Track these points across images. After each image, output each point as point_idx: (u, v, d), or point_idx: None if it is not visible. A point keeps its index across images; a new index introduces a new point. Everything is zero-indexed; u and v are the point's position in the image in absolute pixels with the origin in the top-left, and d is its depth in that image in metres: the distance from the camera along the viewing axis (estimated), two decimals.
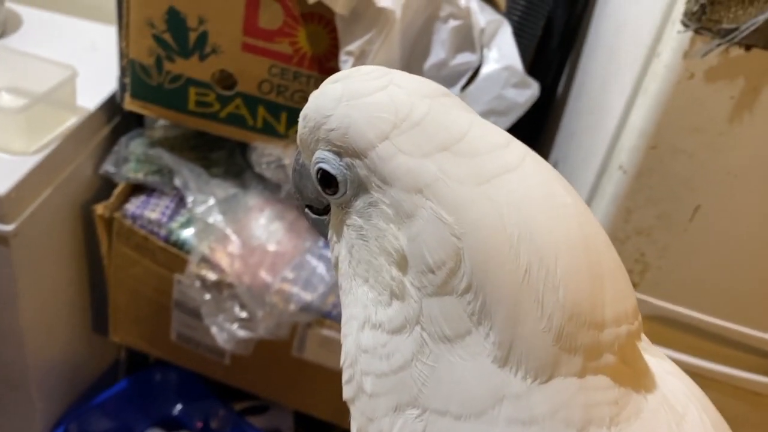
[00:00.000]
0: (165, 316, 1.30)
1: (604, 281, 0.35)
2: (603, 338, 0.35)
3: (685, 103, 0.70)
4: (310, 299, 1.20)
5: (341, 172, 0.40)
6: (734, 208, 0.71)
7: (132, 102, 1.19)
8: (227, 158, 1.33)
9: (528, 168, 0.37)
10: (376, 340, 0.39)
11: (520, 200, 0.35)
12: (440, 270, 0.35)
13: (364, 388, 0.40)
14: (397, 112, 0.38)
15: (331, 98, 0.41)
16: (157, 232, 1.24)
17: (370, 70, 0.41)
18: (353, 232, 0.41)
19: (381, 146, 0.38)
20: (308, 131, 0.42)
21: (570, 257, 0.34)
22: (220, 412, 1.54)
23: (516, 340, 0.34)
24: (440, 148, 0.37)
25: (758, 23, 0.63)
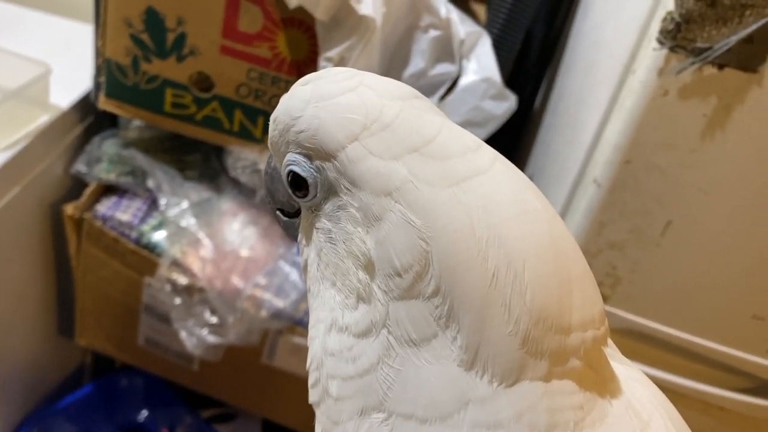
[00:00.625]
0: (133, 319, 1.28)
1: (571, 286, 0.35)
2: (569, 343, 0.35)
3: (659, 119, 0.70)
4: (282, 306, 1.19)
5: (311, 175, 0.40)
6: (704, 224, 0.72)
7: (107, 101, 1.17)
8: (202, 161, 1.32)
9: (497, 172, 0.37)
10: (342, 343, 0.39)
11: (490, 204, 0.35)
12: (407, 273, 0.35)
13: (329, 392, 0.39)
14: (368, 113, 0.38)
15: (300, 100, 0.40)
16: (128, 234, 1.22)
17: (340, 71, 0.41)
18: (322, 235, 0.41)
19: (350, 148, 0.37)
20: (278, 134, 0.42)
21: (538, 262, 0.34)
22: (186, 419, 1.52)
23: (482, 344, 0.34)
24: (410, 150, 0.36)
25: (731, 43, 0.64)
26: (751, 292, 0.79)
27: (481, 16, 1.14)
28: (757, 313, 0.78)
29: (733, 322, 0.78)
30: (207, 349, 1.17)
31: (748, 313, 0.79)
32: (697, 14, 0.64)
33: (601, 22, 0.92)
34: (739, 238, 0.74)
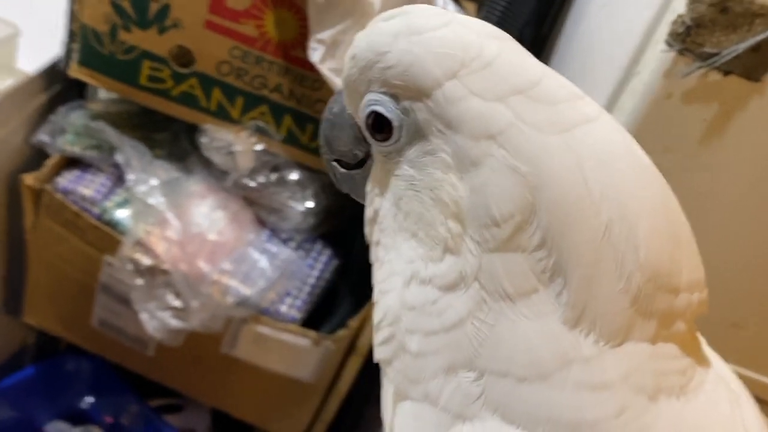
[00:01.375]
0: (88, 299, 1.22)
1: (682, 247, 0.34)
2: (677, 304, 0.34)
3: (660, 122, 0.71)
4: (248, 294, 1.16)
5: (397, 117, 0.37)
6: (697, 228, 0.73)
7: (79, 69, 1.12)
8: (172, 140, 1.27)
9: (606, 122, 0.35)
10: (426, 296, 0.36)
11: (602, 154, 0.33)
12: (507, 223, 0.33)
13: (408, 347, 0.37)
14: (466, 49, 0.35)
15: (388, 34, 0.37)
16: (90, 210, 1.17)
17: (427, 8, 0.38)
18: (403, 182, 0.38)
19: (448, 85, 0.35)
20: (357, 71, 0.39)
21: (652, 218, 0.33)
22: (132, 408, 1.46)
23: (590, 301, 0.32)
24: (515, 92, 0.34)
25: (739, 51, 0.65)
26: (729, 300, 0.80)
27: (470, 13, 1.14)
28: (736, 321, 0.80)
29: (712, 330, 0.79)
30: (168, 334, 1.12)
31: (728, 322, 0.80)
32: (708, 19, 0.65)
33: (596, 27, 0.93)
34: (728, 244, 0.76)
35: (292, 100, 1.12)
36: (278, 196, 1.20)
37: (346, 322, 1.20)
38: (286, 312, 1.19)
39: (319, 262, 1.24)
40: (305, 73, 1.09)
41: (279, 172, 1.20)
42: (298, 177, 1.20)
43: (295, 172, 1.20)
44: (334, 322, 1.23)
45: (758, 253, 0.77)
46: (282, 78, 1.10)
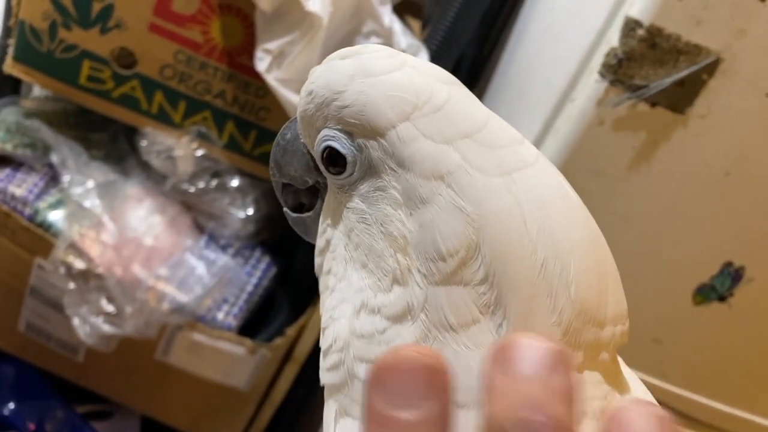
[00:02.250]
0: (15, 302, 1.19)
1: (608, 281, 0.36)
2: (603, 336, 0.36)
3: (592, 146, 0.75)
4: (184, 300, 1.14)
5: (351, 153, 0.38)
6: (621, 249, 0.77)
7: (14, 66, 1.09)
8: (109, 141, 1.25)
9: (543, 166, 0.37)
10: (374, 325, 0.37)
11: (540, 196, 0.35)
12: (452, 258, 0.35)
13: (356, 374, 0.38)
14: (418, 94, 0.37)
15: (344, 74, 0.38)
16: (21, 210, 1.13)
17: (379, 48, 0.40)
18: (354, 215, 0.39)
19: (401, 127, 0.36)
20: (314, 107, 0.40)
21: (582, 256, 0.35)
22: (58, 414, 1.41)
23: (527, 332, 0.34)
24: (462, 136, 0.36)
25: (665, 85, 0.70)
26: (651, 317, 0.85)
27: (415, 31, 1.16)
28: (657, 337, 0.85)
29: (635, 345, 0.83)
30: (100, 339, 1.10)
31: (649, 338, 0.85)
32: (638, 53, 0.69)
33: (536, 50, 0.97)
34: (650, 265, 0.80)
35: (235, 106, 1.12)
36: (218, 203, 1.19)
37: (283, 330, 1.20)
38: (223, 320, 1.18)
39: (257, 269, 1.24)
40: (249, 80, 1.09)
41: (219, 178, 1.19)
42: (238, 183, 1.20)
43: (235, 179, 1.19)
44: (271, 329, 1.23)
45: (678, 273, 0.81)
46: (226, 84, 1.10)
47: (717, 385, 0.87)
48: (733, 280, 0.80)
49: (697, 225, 0.77)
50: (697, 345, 0.85)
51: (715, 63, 0.68)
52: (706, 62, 0.68)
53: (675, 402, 0.86)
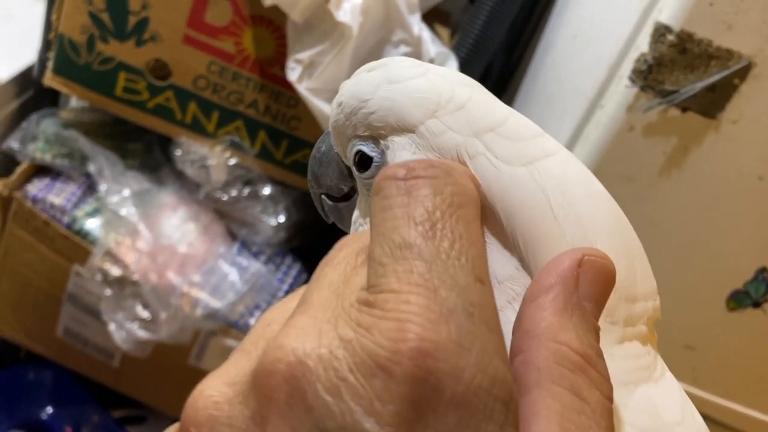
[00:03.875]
0: (54, 308, 1.22)
1: (635, 261, 0.37)
2: (636, 310, 0.37)
3: (623, 152, 0.75)
4: (217, 306, 1.17)
5: (377, 155, 0.41)
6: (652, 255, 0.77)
7: (53, 78, 1.12)
8: (144, 151, 1.28)
9: (565, 155, 0.39)
10: None
11: (563, 183, 0.37)
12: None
13: None
14: (441, 94, 0.39)
15: (370, 84, 0.41)
16: (60, 219, 1.17)
17: (405, 59, 0.42)
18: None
19: (429, 122, 0.38)
20: (344, 117, 0.42)
21: (608, 238, 0.36)
22: (94, 418, 1.45)
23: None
24: (487, 129, 0.38)
25: (695, 90, 0.70)
26: (683, 323, 0.84)
27: (444, 39, 1.17)
28: (689, 343, 0.84)
29: (667, 351, 0.83)
30: (136, 345, 1.12)
31: (681, 344, 0.84)
32: (669, 59, 0.69)
33: (565, 57, 0.97)
34: (683, 271, 0.80)
35: (267, 116, 1.14)
36: (250, 210, 1.21)
37: None
38: None
39: (288, 276, 1.26)
40: (281, 91, 1.11)
41: (252, 187, 1.21)
42: (270, 192, 1.22)
43: (267, 187, 1.21)
44: None
45: (711, 279, 0.81)
46: (258, 94, 1.12)
47: (751, 392, 0.86)
48: None
49: (730, 230, 0.77)
50: (730, 351, 0.84)
51: (746, 67, 0.68)
52: (738, 67, 0.68)
53: (708, 409, 0.85)
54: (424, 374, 0.23)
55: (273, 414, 0.23)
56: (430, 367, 0.23)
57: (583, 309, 0.29)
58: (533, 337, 0.28)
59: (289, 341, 0.24)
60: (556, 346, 0.28)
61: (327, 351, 0.24)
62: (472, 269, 0.27)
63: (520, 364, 0.28)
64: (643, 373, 0.37)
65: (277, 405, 0.23)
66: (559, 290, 0.30)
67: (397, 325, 0.23)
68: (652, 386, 0.36)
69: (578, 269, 0.30)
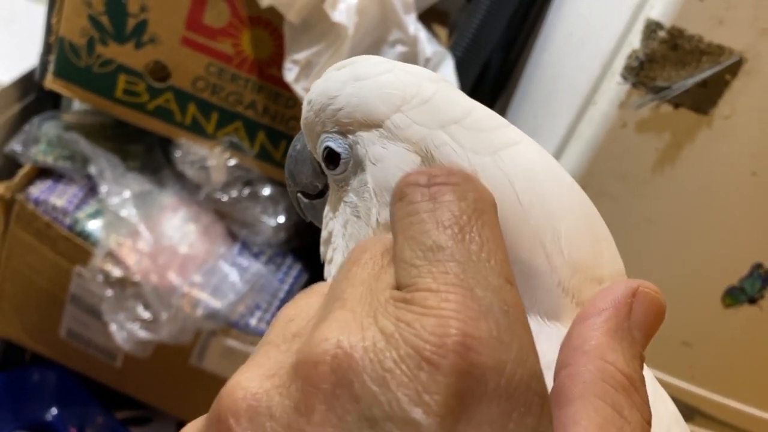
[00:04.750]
0: (56, 310, 1.23)
1: (601, 244, 0.38)
2: None
3: (616, 149, 0.75)
4: (218, 306, 1.17)
5: (345, 150, 0.41)
6: (647, 251, 0.77)
7: (54, 81, 1.13)
8: (145, 153, 1.29)
9: (528, 144, 0.40)
10: None
11: (528, 170, 0.37)
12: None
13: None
14: (406, 89, 0.40)
15: (337, 81, 0.42)
16: (62, 220, 1.18)
17: (373, 58, 0.43)
18: (349, 209, 0.42)
19: (395, 117, 0.39)
20: (313, 114, 0.43)
21: (573, 222, 0.37)
22: (98, 420, 1.45)
23: (528, 291, 0.36)
24: (451, 121, 0.39)
25: (687, 86, 0.70)
26: (679, 320, 0.84)
27: (442, 38, 1.17)
28: (686, 340, 0.84)
29: (663, 348, 0.83)
30: (137, 345, 1.13)
31: (678, 340, 0.84)
32: (660, 55, 0.69)
33: (562, 55, 0.97)
34: (678, 268, 0.80)
35: (265, 116, 1.15)
36: (250, 211, 1.22)
37: None
38: (256, 325, 1.20)
39: (289, 276, 1.26)
40: (279, 91, 1.12)
41: (251, 187, 1.22)
42: (270, 192, 1.22)
43: (267, 187, 1.22)
44: None
45: (706, 275, 0.81)
46: (256, 95, 1.13)
47: (747, 389, 0.85)
48: (764, 282, 0.79)
49: (724, 226, 0.77)
50: (727, 348, 0.84)
51: (738, 63, 0.68)
52: (729, 62, 0.68)
53: (705, 406, 0.85)
54: (468, 367, 0.24)
55: (319, 403, 0.24)
56: (474, 361, 0.24)
57: (632, 336, 0.30)
58: (582, 354, 0.29)
59: (333, 333, 0.25)
60: (604, 365, 0.28)
61: (371, 343, 0.24)
62: (501, 271, 0.28)
63: (566, 377, 0.29)
64: None
65: (323, 395, 0.24)
66: (612, 314, 0.30)
67: (439, 321, 0.24)
68: None
69: (632, 298, 0.31)
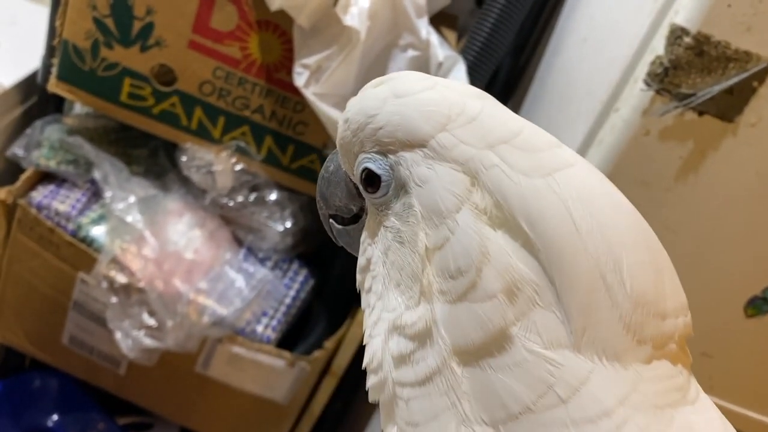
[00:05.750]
0: (59, 316, 1.21)
1: (663, 276, 0.36)
2: (665, 328, 0.35)
3: (638, 157, 0.73)
4: (224, 313, 1.15)
5: (386, 172, 0.40)
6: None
7: (58, 84, 1.11)
8: (149, 157, 1.27)
9: (583, 165, 0.38)
10: (402, 347, 0.38)
11: (584, 194, 0.36)
12: (468, 274, 0.36)
13: (399, 395, 0.38)
14: (451, 107, 0.38)
15: (377, 98, 0.40)
16: (65, 226, 1.16)
17: (413, 74, 0.41)
18: (390, 234, 0.40)
19: (440, 136, 0.37)
20: (351, 133, 0.41)
21: (635, 251, 0.35)
22: (99, 426, 1.43)
23: (590, 327, 0.34)
24: (500, 141, 0.37)
25: (713, 93, 0.68)
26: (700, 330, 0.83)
27: (451, 42, 1.16)
28: (706, 351, 0.82)
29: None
30: (142, 353, 1.11)
31: (698, 351, 0.83)
32: (685, 61, 0.68)
33: (576, 61, 0.96)
34: (699, 277, 0.78)
35: (273, 121, 1.13)
36: (257, 216, 1.20)
37: (321, 343, 1.20)
38: (262, 332, 1.18)
39: (295, 282, 1.24)
40: (287, 96, 1.10)
41: (258, 192, 1.20)
42: (276, 197, 1.20)
43: (274, 193, 1.20)
44: (309, 342, 1.23)
45: (728, 285, 0.79)
46: (264, 99, 1.11)
47: None
48: None
49: (747, 236, 0.75)
50: (748, 359, 0.82)
51: (765, 70, 0.67)
52: (757, 69, 0.66)
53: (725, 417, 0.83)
54: None
55: None
56: None
57: None
58: None
59: None
60: None
61: None
62: None
63: None
64: (677, 395, 0.35)
65: None
66: None
67: None
68: (689, 410, 0.34)
69: None
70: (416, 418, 0.37)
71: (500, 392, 0.34)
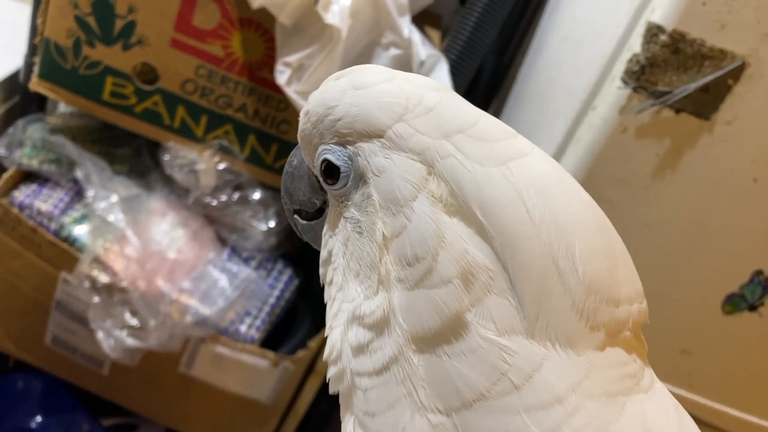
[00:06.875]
0: (42, 317, 1.20)
1: (617, 262, 0.36)
2: (619, 315, 0.35)
3: (616, 155, 0.74)
4: (207, 313, 1.15)
5: (345, 163, 0.40)
6: (645, 259, 0.76)
7: (39, 83, 1.10)
8: (132, 156, 1.26)
9: (539, 155, 0.38)
10: (361, 337, 0.39)
11: (538, 182, 0.36)
12: (424, 261, 0.36)
13: (358, 385, 0.38)
14: (408, 98, 0.38)
15: (336, 90, 0.40)
16: (47, 225, 1.15)
17: (373, 67, 0.42)
18: (350, 225, 0.40)
19: (398, 126, 0.38)
20: (311, 126, 0.42)
21: (587, 237, 0.35)
22: (84, 427, 1.42)
23: (543, 313, 0.34)
24: (457, 131, 0.37)
25: (689, 90, 0.69)
26: (678, 327, 0.83)
27: (435, 41, 1.16)
28: (685, 348, 0.83)
29: (662, 356, 0.82)
30: (124, 353, 1.10)
31: (677, 348, 0.83)
32: (662, 59, 0.68)
33: (557, 59, 0.96)
34: (677, 274, 0.79)
35: (256, 120, 1.13)
36: (241, 215, 1.20)
37: (305, 343, 1.20)
38: (246, 332, 1.18)
39: (279, 281, 1.24)
40: (270, 94, 1.10)
41: (242, 191, 1.20)
42: (260, 196, 1.20)
43: (257, 192, 1.20)
44: (293, 342, 1.23)
45: (706, 282, 0.80)
46: (247, 98, 1.11)
47: (747, 397, 0.84)
48: (764, 289, 0.78)
49: (725, 233, 0.76)
50: (727, 355, 0.83)
51: (740, 68, 0.67)
52: (732, 67, 0.67)
53: (704, 414, 0.84)
54: None
55: None
56: None
57: None
58: None
59: None
60: None
61: None
62: None
63: None
64: (629, 382, 0.35)
65: None
66: None
67: None
68: (642, 398, 0.35)
69: None
70: (373, 407, 0.37)
71: (455, 379, 0.34)
